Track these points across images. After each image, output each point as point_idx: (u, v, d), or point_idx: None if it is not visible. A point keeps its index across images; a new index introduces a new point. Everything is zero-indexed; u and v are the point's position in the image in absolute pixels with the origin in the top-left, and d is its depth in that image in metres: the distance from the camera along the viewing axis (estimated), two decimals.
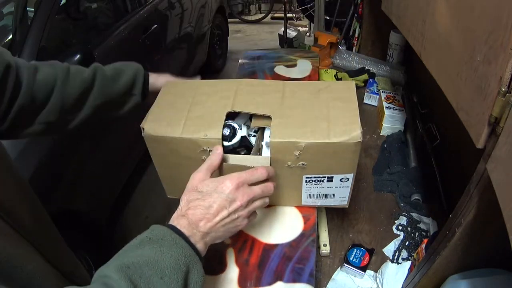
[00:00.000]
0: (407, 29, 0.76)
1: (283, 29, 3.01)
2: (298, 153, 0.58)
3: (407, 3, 0.76)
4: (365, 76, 1.38)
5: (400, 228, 0.85)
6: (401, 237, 0.83)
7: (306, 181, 0.63)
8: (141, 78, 0.73)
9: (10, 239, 0.46)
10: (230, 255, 0.64)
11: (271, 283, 0.59)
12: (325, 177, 0.62)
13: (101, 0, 2.06)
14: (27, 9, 1.52)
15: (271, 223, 0.68)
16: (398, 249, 0.80)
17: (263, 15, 4.97)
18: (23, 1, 1.53)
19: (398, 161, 1.00)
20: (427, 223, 0.85)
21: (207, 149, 0.60)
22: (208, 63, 3.24)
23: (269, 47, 3.70)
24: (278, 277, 0.60)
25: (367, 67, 1.43)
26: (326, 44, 1.49)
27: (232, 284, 0.59)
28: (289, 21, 3.53)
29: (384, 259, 0.79)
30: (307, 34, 3.51)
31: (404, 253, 0.79)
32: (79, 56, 1.37)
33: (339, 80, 1.33)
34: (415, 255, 0.73)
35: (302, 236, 0.66)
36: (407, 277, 0.71)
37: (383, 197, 0.94)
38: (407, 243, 0.80)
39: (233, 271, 0.61)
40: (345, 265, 0.75)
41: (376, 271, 0.77)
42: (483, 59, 0.42)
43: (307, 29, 3.73)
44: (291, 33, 3.01)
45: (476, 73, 0.43)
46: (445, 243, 0.53)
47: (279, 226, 0.68)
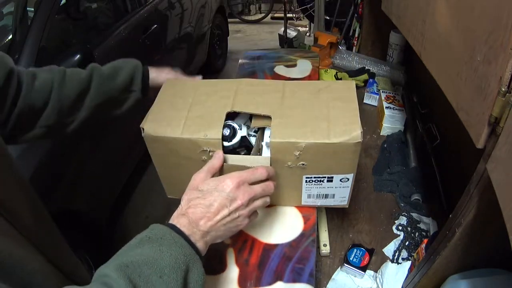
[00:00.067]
0: (407, 29, 0.76)
1: (283, 29, 3.02)
2: (298, 153, 0.58)
3: (407, 3, 0.76)
4: (365, 76, 1.38)
5: (400, 228, 0.85)
6: (401, 237, 0.83)
7: (306, 181, 0.63)
8: (139, 74, 0.72)
9: (11, 238, 0.45)
10: (230, 255, 0.64)
11: (271, 283, 0.59)
12: (325, 177, 0.62)
13: (101, 0, 2.06)
14: (27, 9, 1.53)
15: (271, 223, 0.68)
16: (398, 249, 0.80)
17: (263, 15, 4.97)
18: (23, 1, 1.53)
19: (398, 161, 1.00)
20: (427, 223, 0.85)
21: (207, 149, 0.60)
22: (208, 63, 3.24)
23: (269, 47, 3.70)
24: (278, 277, 0.60)
25: (367, 67, 1.43)
26: (326, 44, 1.49)
27: (232, 284, 0.59)
28: (289, 21, 3.53)
29: (384, 259, 0.79)
30: (307, 34, 3.51)
31: (404, 253, 0.79)
32: (79, 56, 1.37)
33: (339, 80, 1.33)
34: (415, 255, 0.72)
35: (302, 236, 0.66)
36: (407, 277, 0.71)
37: (383, 197, 0.94)
38: (407, 243, 0.80)
39: (233, 271, 0.61)
40: (345, 265, 0.75)
41: (376, 271, 0.77)
42: (483, 59, 0.41)
43: (307, 29, 3.73)
44: (291, 33, 3.02)
45: (476, 73, 0.43)
46: (445, 243, 0.53)
47: (279, 226, 0.68)
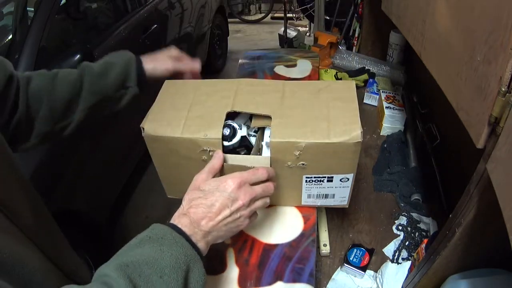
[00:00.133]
0: (407, 29, 0.76)
1: (283, 29, 3.02)
2: (298, 153, 0.58)
3: (407, 3, 0.76)
4: (365, 76, 1.38)
5: (400, 228, 0.85)
6: (401, 237, 0.83)
7: (306, 181, 0.63)
8: (133, 68, 0.67)
9: (12, 236, 0.45)
10: (230, 255, 0.64)
11: (271, 283, 0.59)
12: (325, 177, 0.62)
13: (101, 0, 2.06)
14: (27, 9, 1.52)
15: (271, 223, 0.68)
16: (398, 249, 0.80)
17: (263, 15, 4.97)
18: (23, 1, 1.53)
19: (398, 161, 1.00)
20: (427, 223, 0.85)
21: (207, 149, 0.60)
22: (208, 63, 3.24)
23: (269, 47, 3.70)
24: (278, 277, 0.60)
25: (367, 67, 1.43)
26: (326, 44, 1.49)
27: (232, 284, 0.59)
28: (289, 21, 3.53)
29: (384, 259, 0.79)
30: (307, 34, 3.51)
31: (404, 253, 0.79)
32: (79, 56, 1.37)
33: (339, 80, 1.33)
34: (415, 255, 0.72)
35: (302, 236, 0.66)
36: (407, 277, 0.71)
37: (383, 197, 0.94)
38: (407, 243, 0.80)
39: (233, 271, 0.61)
40: (345, 265, 0.75)
41: (376, 271, 0.77)
42: (483, 59, 0.41)
43: (307, 29, 3.73)
44: (291, 33, 3.02)
45: (476, 73, 0.43)
46: (445, 243, 0.53)
47: (279, 226, 0.68)
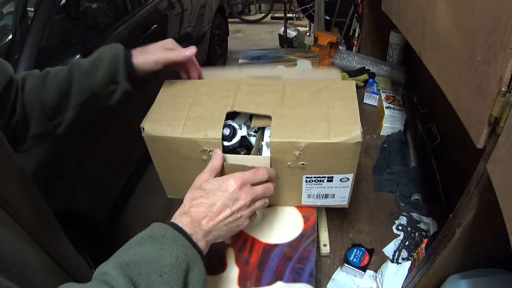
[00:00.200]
0: (407, 29, 0.76)
1: (283, 29, 3.02)
2: (298, 153, 0.58)
3: (407, 3, 0.76)
4: (365, 76, 1.38)
5: (400, 228, 0.85)
6: (401, 237, 0.83)
7: (306, 181, 0.63)
8: (122, 62, 0.62)
9: (14, 232, 0.45)
10: (230, 255, 0.64)
11: (271, 283, 0.59)
12: (325, 177, 0.62)
13: (101, 0, 2.06)
14: (27, 9, 1.52)
15: (271, 223, 0.68)
16: (398, 249, 0.80)
17: (263, 15, 4.97)
18: (23, 1, 1.53)
19: (398, 161, 1.00)
20: (427, 223, 0.85)
21: (207, 149, 0.60)
22: (208, 63, 3.24)
23: (269, 47, 3.70)
24: (278, 277, 0.60)
25: (367, 67, 1.43)
26: (326, 44, 1.49)
27: (232, 284, 0.59)
28: (289, 21, 3.53)
29: (384, 259, 0.79)
30: (307, 34, 3.51)
31: (404, 253, 0.79)
32: (79, 56, 1.37)
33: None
34: (415, 255, 0.72)
35: (302, 236, 0.66)
36: (407, 277, 0.71)
37: (383, 197, 0.94)
38: (407, 243, 0.80)
39: (233, 271, 0.61)
40: (345, 265, 0.75)
41: (376, 271, 0.77)
42: (483, 59, 0.41)
43: (307, 29, 3.73)
44: (291, 33, 3.02)
45: (476, 73, 0.43)
46: (445, 243, 0.53)
47: (279, 226, 0.68)
